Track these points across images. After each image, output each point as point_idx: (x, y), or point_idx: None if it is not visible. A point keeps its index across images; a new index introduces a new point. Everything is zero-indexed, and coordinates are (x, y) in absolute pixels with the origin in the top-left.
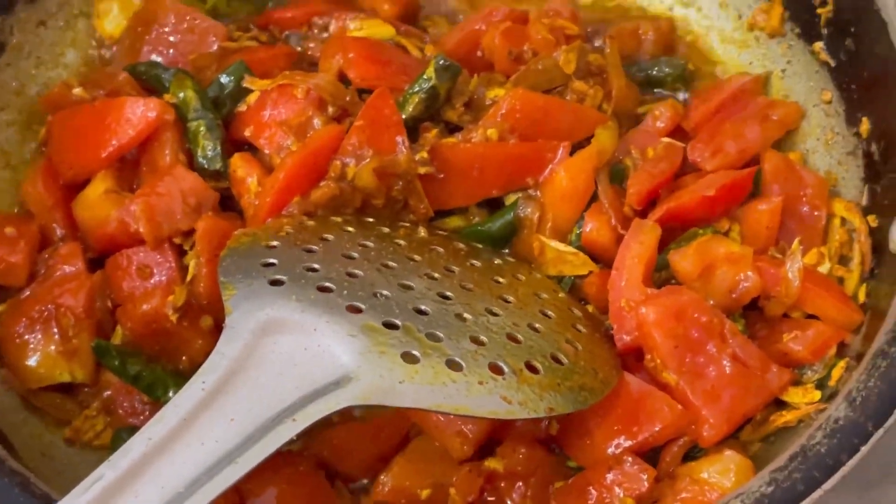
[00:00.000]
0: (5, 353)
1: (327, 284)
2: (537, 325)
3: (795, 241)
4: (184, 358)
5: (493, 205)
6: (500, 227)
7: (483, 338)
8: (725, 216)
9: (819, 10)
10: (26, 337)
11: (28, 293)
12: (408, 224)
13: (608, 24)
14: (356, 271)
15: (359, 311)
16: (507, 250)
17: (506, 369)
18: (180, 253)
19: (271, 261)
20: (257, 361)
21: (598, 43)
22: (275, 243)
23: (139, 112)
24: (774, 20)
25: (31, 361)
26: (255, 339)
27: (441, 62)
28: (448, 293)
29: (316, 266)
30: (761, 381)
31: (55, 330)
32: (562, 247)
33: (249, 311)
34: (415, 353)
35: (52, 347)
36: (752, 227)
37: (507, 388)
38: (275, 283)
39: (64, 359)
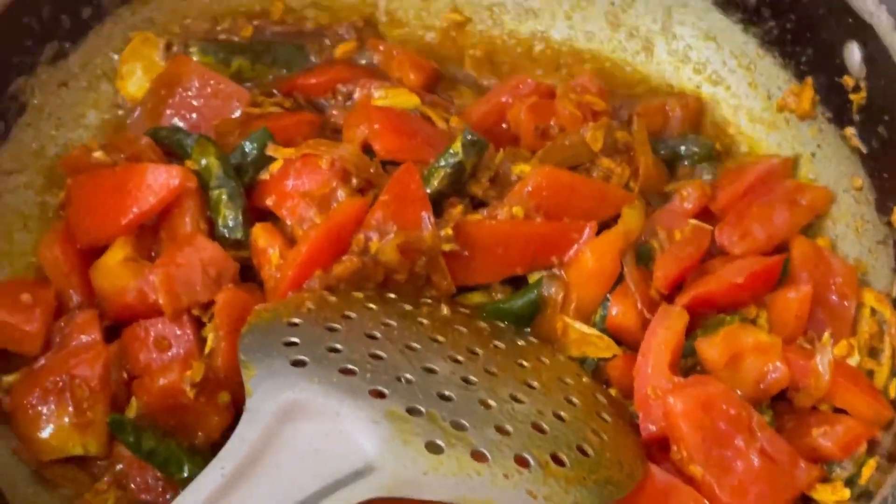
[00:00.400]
0: (17, 424)
1: (350, 367)
2: (562, 414)
3: (826, 334)
4: (200, 434)
5: (517, 281)
6: (523, 306)
7: (508, 427)
8: (753, 302)
9: (852, 96)
10: (40, 408)
11: (43, 362)
12: (430, 301)
13: (635, 99)
14: (379, 353)
15: (382, 395)
16: (529, 329)
17: (532, 461)
18: (199, 325)
19: (293, 339)
20: (278, 447)
21: (624, 118)
22: (297, 320)
23: (161, 179)
24: (805, 103)
25: (44, 433)
26: (277, 424)
27: (468, 137)
28: (472, 378)
29: (339, 346)
30: (789, 476)
31: (69, 401)
32: (586, 329)
33: (270, 394)
34: (439, 442)
35: (66, 419)
36: (780, 315)
37: (533, 482)
38: (297, 363)
39: (77, 431)
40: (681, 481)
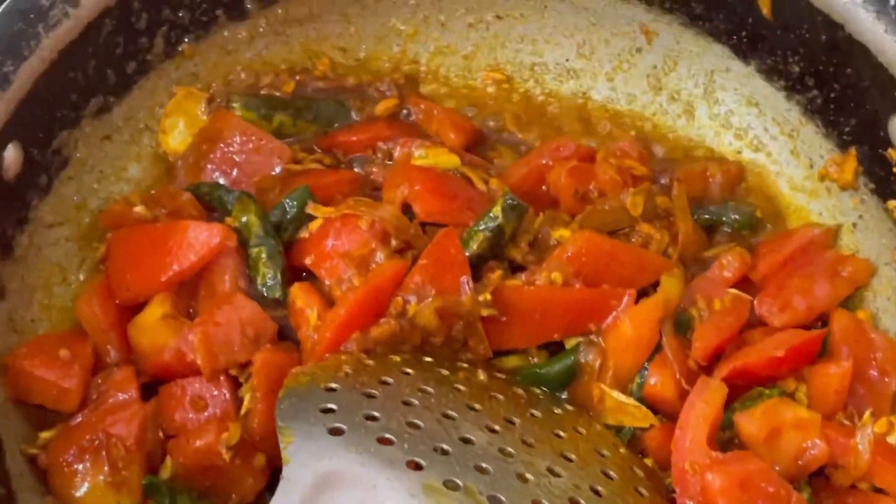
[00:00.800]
0: (53, 481)
1: (388, 436)
2: (599, 489)
3: (867, 413)
4: (234, 496)
5: (553, 344)
6: (559, 372)
7: (545, 502)
8: (792, 376)
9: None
10: (75, 466)
11: (79, 419)
12: (466, 365)
13: (675, 164)
14: (417, 421)
15: (419, 467)
16: (564, 394)
17: None
18: (235, 384)
19: (331, 406)
20: None
21: (664, 181)
22: (334, 385)
23: (202, 237)
24: (847, 173)
25: (79, 492)
26: (313, 494)
27: (509, 201)
28: (509, 449)
29: (376, 414)
30: None
31: (105, 460)
32: (623, 397)
33: (308, 463)
34: None
35: (101, 478)
36: (819, 389)
37: None
38: (334, 431)
39: (112, 490)
40: None
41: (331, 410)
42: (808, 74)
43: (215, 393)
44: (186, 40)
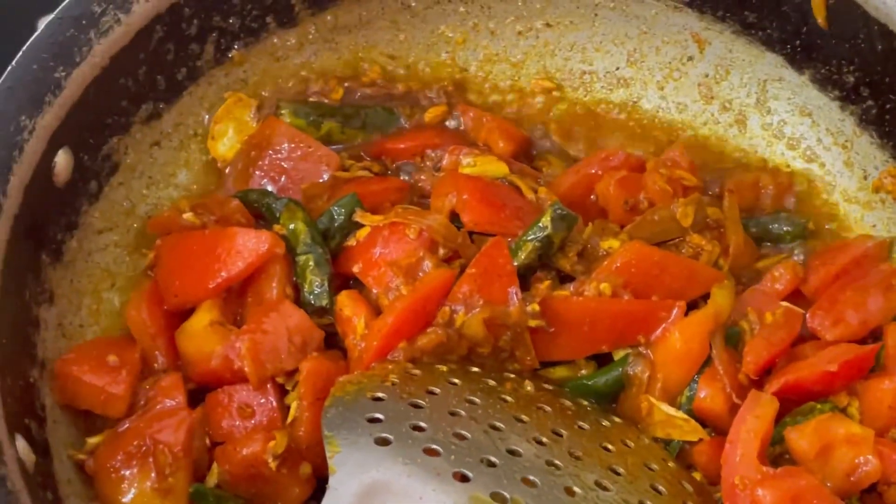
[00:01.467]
0: (100, 487)
1: (434, 447)
2: (648, 503)
3: None
4: None
5: (602, 356)
6: (607, 383)
7: None
8: (844, 390)
9: None
10: (122, 472)
11: (127, 425)
12: (513, 376)
13: (726, 174)
14: (464, 432)
15: (466, 479)
16: (613, 405)
17: None
18: (282, 392)
19: (377, 415)
20: None
21: (714, 191)
22: (381, 395)
23: (251, 244)
24: None
25: (126, 498)
26: None
27: (558, 211)
28: (557, 461)
29: (423, 424)
30: None
31: (152, 466)
32: (672, 411)
33: (354, 473)
34: None
35: (148, 484)
36: (873, 405)
37: None
38: (381, 441)
39: (158, 497)
40: None
41: (377, 420)
42: (864, 84)
43: (262, 401)
44: (236, 47)
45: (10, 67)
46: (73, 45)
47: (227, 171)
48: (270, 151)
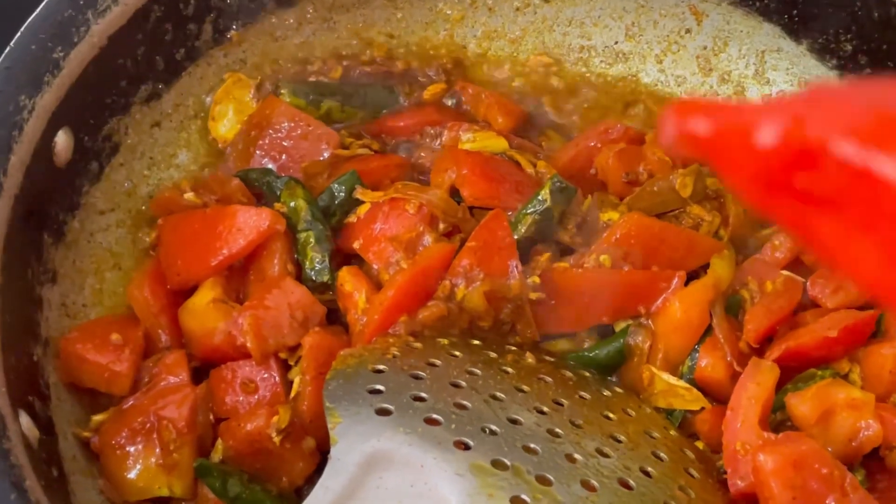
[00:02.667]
0: (105, 464)
1: (435, 416)
2: (650, 469)
3: None
4: (284, 479)
5: (603, 328)
6: (608, 355)
7: (594, 482)
8: (846, 357)
9: None
10: (127, 448)
11: (131, 403)
12: (515, 348)
13: None
14: (464, 402)
15: (467, 447)
16: (614, 378)
17: None
18: (285, 367)
19: (378, 387)
20: (362, 497)
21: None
22: (382, 367)
23: (251, 222)
24: None
25: (131, 474)
26: (361, 474)
27: (557, 184)
28: (558, 430)
29: (424, 395)
30: None
31: (157, 442)
32: (673, 380)
33: (355, 443)
34: (524, 497)
35: (153, 460)
36: (874, 370)
37: None
38: (382, 412)
39: (163, 472)
40: None
41: (378, 391)
42: (861, 52)
43: (265, 376)
44: (234, 27)
45: (8, 48)
46: (71, 25)
47: (227, 151)
48: (270, 131)
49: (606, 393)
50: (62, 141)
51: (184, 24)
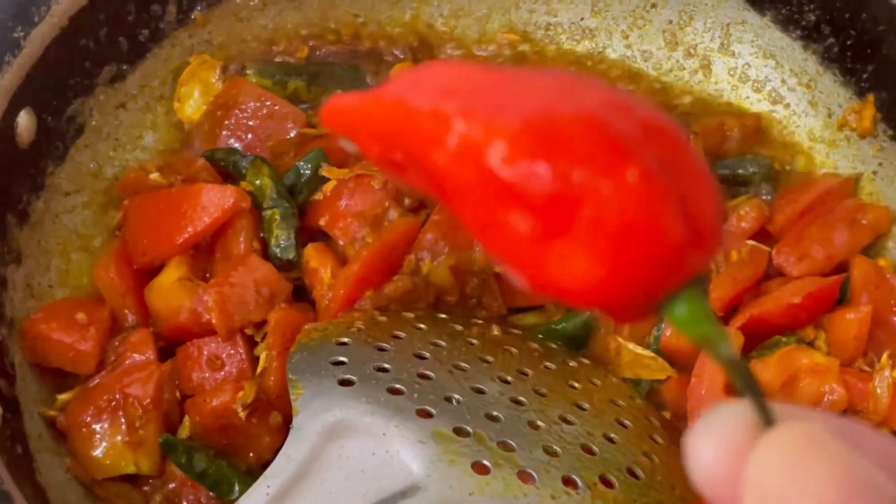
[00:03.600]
0: (71, 442)
1: (398, 386)
2: (613, 436)
3: (885, 355)
4: (251, 455)
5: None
6: (575, 327)
7: (556, 448)
8: (811, 324)
9: None
10: (93, 426)
11: (97, 381)
12: (481, 321)
13: (692, 118)
14: (428, 372)
15: (429, 415)
16: (583, 350)
17: (580, 483)
18: (251, 344)
19: (342, 359)
20: (324, 466)
21: None
22: (346, 340)
23: (216, 199)
24: (866, 121)
25: (98, 452)
26: (323, 442)
27: None
28: (521, 398)
29: (387, 366)
30: None
31: (122, 420)
32: (639, 350)
33: (318, 413)
34: (486, 462)
35: (119, 438)
36: (839, 336)
37: None
38: (344, 382)
39: (130, 450)
40: None
41: (341, 363)
42: (824, 22)
43: (231, 352)
44: (199, 7)
45: None
46: (31, 4)
47: (193, 132)
48: (237, 111)
49: (572, 363)
50: (24, 121)
51: (147, 5)
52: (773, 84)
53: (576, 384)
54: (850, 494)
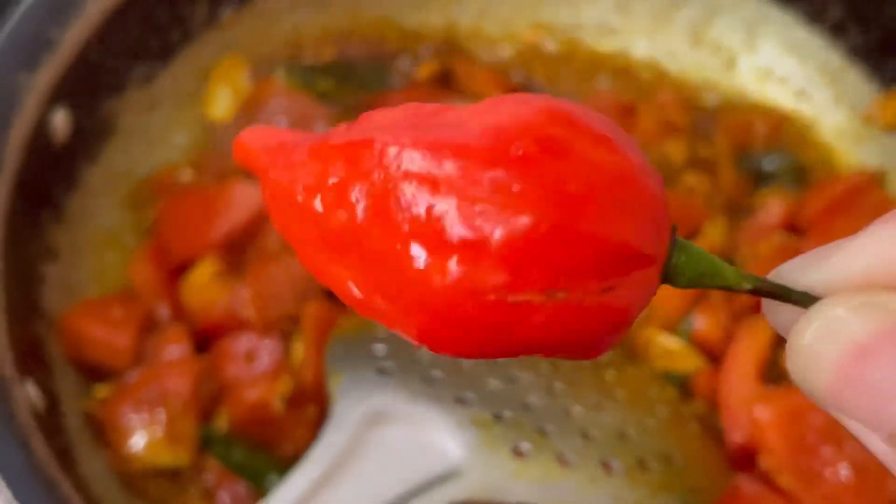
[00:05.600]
0: (109, 436)
1: (434, 374)
2: (647, 423)
3: None
4: (288, 447)
5: None
6: None
7: (593, 433)
8: None
9: None
10: (132, 420)
11: (135, 376)
12: None
13: (718, 115)
14: (462, 364)
15: (467, 403)
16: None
17: (616, 467)
18: (287, 338)
19: (378, 350)
20: (363, 453)
21: (707, 133)
22: (381, 333)
23: (249, 197)
24: (891, 115)
25: (136, 446)
26: (362, 430)
27: None
28: (556, 386)
29: (422, 357)
30: (880, 487)
31: (160, 414)
32: (670, 342)
33: (356, 401)
34: (524, 447)
35: (157, 432)
36: None
37: (618, 487)
38: (382, 371)
39: (168, 443)
40: (768, 491)
41: (379, 354)
42: (849, 18)
43: (267, 346)
44: (228, 9)
45: (4, 27)
46: (67, 4)
47: (224, 132)
48: (267, 112)
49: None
50: (59, 120)
51: (177, 6)
52: (798, 81)
53: (607, 375)
54: None
